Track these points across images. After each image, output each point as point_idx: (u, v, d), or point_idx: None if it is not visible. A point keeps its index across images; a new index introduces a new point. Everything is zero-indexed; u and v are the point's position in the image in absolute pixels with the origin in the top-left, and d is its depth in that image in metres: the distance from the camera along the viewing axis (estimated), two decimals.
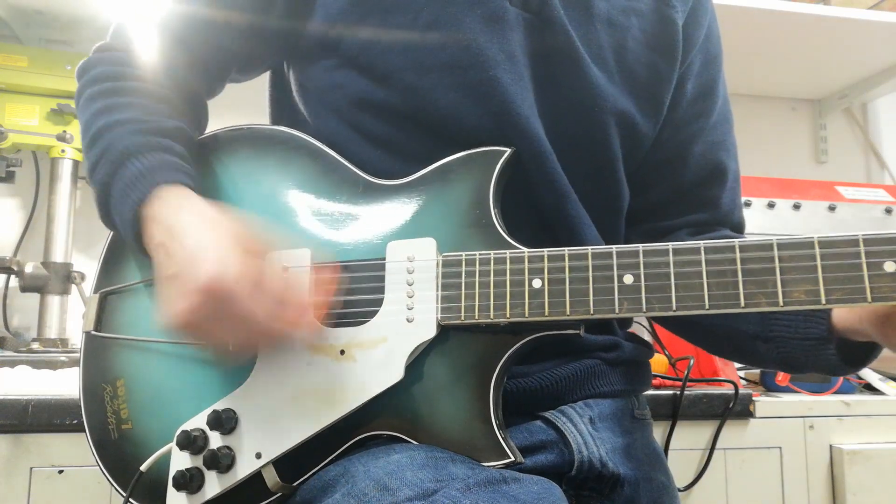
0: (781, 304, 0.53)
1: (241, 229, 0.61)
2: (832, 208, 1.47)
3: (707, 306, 0.54)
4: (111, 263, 0.74)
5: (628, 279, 0.57)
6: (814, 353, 0.65)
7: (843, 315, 0.63)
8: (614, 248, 0.57)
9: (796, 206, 1.46)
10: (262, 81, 0.87)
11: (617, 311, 0.56)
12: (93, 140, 0.68)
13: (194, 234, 0.60)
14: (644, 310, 0.56)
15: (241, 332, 0.59)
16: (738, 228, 0.84)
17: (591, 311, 0.57)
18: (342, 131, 0.73)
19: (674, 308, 0.55)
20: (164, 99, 0.73)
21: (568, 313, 0.57)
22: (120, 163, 0.65)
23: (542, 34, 0.71)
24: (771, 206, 1.45)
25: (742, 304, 0.53)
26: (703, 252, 0.55)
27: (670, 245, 0.56)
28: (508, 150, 0.66)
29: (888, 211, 1.49)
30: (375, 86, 0.70)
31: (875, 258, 0.51)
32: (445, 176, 0.66)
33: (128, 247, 0.73)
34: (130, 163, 0.65)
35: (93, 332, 0.72)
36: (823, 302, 0.52)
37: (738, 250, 0.54)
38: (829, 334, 0.64)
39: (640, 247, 0.57)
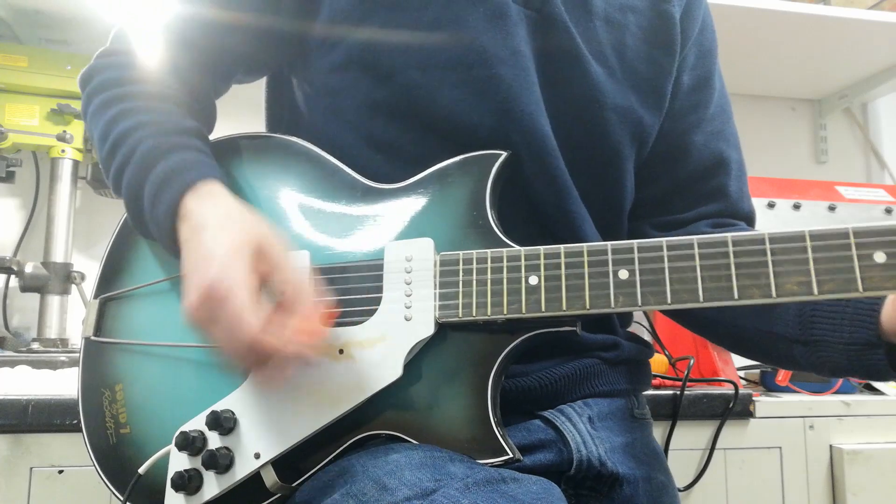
0: (774, 295, 0.53)
1: (261, 231, 0.61)
2: (832, 208, 1.47)
3: (701, 299, 0.55)
4: (111, 268, 0.74)
5: (623, 274, 0.57)
6: (859, 358, 0.63)
7: (894, 318, 0.61)
8: (609, 244, 0.58)
9: (796, 206, 1.46)
10: (257, 86, 0.87)
11: (613, 305, 0.57)
12: (114, 146, 0.68)
13: (212, 233, 0.60)
14: (639, 304, 0.56)
15: (233, 337, 0.56)
16: (749, 219, 0.84)
17: (588, 307, 0.57)
18: (344, 135, 0.73)
19: (668, 301, 0.55)
20: (175, 100, 0.72)
21: (564, 308, 0.58)
22: (149, 165, 0.65)
23: (545, 31, 0.71)
24: (771, 206, 1.45)
25: (736, 296, 0.54)
26: (696, 246, 0.56)
27: (664, 240, 0.57)
28: (504, 154, 0.66)
29: (888, 211, 1.49)
30: (378, 85, 0.70)
31: (865, 249, 0.51)
32: (443, 179, 0.67)
33: (134, 247, 0.73)
34: (159, 164, 0.65)
35: (92, 338, 0.72)
36: (816, 293, 0.52)
37: (730, 244, 0.55)
38: (879, 339, 0.62)
39: (635, 242, 0.57)
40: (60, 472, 0.92)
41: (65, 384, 1.02)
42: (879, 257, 0.51)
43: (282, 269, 0.60)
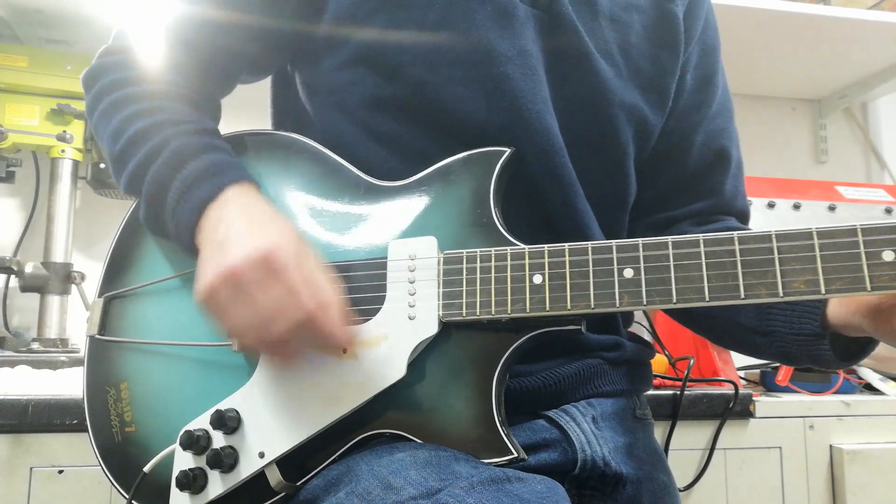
0: (781, 294, 0.52)
1: (298, 235, 0.62)
2: (832, 208, 1.47)
3: (707, 298, 0.54)
4: (115, 267, 0.74)
5: (628, 273, 0.56)
6: (808, 348, 0.66)
7: (837, 310, 0.63)
8: (614, 242, 0.57)
9: (796, 206, 1.46)
10: (262, 85, 0.87)
11: (618, 304, 0.56)
12: (132, 144, 0.67)
13: (260, 214, 0.61)
14: (644, 303, 0.56)
15: (290, 306, 0.56)
16: (742, 216, 0.84)
17: (592, 306, 0.57)
18: (349, 131, 0.72)
19: (674, 301, 0.55)
20: (187, 100, 0.72)
21: (569, 308, 0.57)
22: (178, 163, 0.65)
23: (552, 30, 0.71)
24: (771, 206, 1.45)
25: (742, 295, 0.53)
26: (702, 244, 0.55)
27: (670, 238, 0.56)
28: (508, 150, 0.66)
29: (888, 211, 1.49)
30: (384, 82, 0.70)
31: (874, 247, 0.51)
32: (446, 177, 0.67)
33: (142, 243, 0.73)
34: (191, 162, 0.65)
35: (97, 336, 0.72)
36: (823, 292, 0.51)
37: (737, 242, 0.54)
38: (823, 330, 0.64)
39: (640, 241, 0.57)
40: (60, 472, 0.92)
41: (65, 384, 1.02)
42: (888, 255, 0.50)
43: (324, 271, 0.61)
